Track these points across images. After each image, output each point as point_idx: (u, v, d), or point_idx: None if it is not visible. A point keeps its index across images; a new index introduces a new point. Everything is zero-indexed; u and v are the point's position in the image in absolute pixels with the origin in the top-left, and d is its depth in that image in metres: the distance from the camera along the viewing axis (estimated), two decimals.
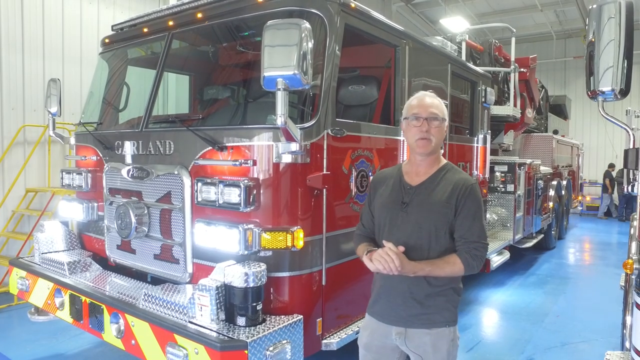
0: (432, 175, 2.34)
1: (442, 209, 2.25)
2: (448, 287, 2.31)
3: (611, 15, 2.34)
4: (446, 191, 2.27)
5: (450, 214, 2.25)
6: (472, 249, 2.23)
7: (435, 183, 2.31)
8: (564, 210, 11.39)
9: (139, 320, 3.11)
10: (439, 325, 2.29)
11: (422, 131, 2.27)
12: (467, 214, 2.25)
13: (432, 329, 2.28)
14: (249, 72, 4.37)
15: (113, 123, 4.59)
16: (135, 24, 4.39)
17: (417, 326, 2.29)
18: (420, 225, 2.26)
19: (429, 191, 2.30)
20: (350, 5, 3.50)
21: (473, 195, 2.27)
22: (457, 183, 2.29)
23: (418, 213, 2.28)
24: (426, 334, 2.29)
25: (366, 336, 2.49)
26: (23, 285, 4.19)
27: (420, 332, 2.29)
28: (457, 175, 2.34)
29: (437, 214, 2.25)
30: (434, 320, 2.29)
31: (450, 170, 2.36)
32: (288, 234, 3.04)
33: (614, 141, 16.23)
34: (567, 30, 16.96)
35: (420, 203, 2.29)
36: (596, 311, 6.14)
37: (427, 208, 2.27)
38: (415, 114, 2.30)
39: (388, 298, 2.35)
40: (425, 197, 2.29)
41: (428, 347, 2.29)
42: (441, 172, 2.35)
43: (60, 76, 6.79)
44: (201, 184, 3.28)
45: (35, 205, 6.88)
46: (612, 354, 2.88)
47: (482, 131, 6.06)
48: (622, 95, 2.38)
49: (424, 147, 2.29)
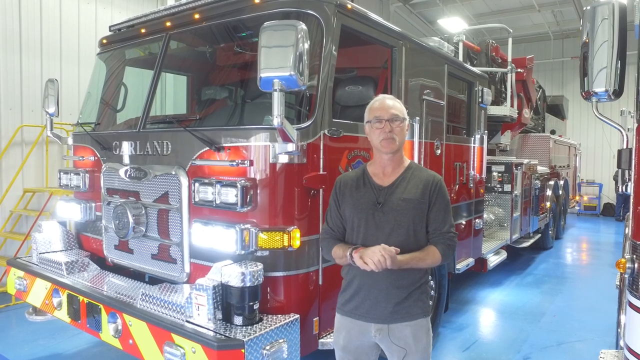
0: (402, 174, 2.47)
1: (417, 205, 2.41)
2: (423, 280, 2.47)
3: (605, 16, 2.36)
4: (419, 188, 2.43)
5: (424, 209, 2.42)
6: (447, 239, 2.42)
7: (406, 181, 2.45)
8: (562, 210, 11.41)
9: (137, 319, 3.13)
10: (418, 317, 2.43)
11: (385, 132, 2.39)
12: (439, 207, 2.44)
13: (411, 321, 2.41)
14: (246, 72, 4.39)
15: (111, 123, 4.60)
16: (133, 24, 4.40)
17: (398, 320, 2.40)
18: (399, 223, 2.38)
19: (401, 189, 2.43)
20: (347, 6, 3.51)
21: (442, 190, 2.47)
22: (427, 180, 2.46)
23: (396, 211, 2.40)
24: (406, 327, 2.41)
25: (342, 338, 2.52)
26: (21, 285, 4.19)
27: (401, 326, 2.40)
28: (425, 173, 2.52)
29: (414, 210, 2.40)
30: (413, 312, 2.42)
31: (416, 169, 2.53)
32: (285, 234, 3.06)
33: (612, 141, 16.27)
34: (564, 30, 16.99)
35: (396, 201, 2.41)
36: (592, 310, 6.17)
37: (403, 205, 2.40)
38: (377, 117, 2.42)
39: (368, 296, 2.42)
40: (399, 195, 2.42)
41: (409, 339, 2.41)
42: (408, 170, 2.49)
43: (58, 76, 6.80)
44: (198, 184, 3.29)
45: (33, 205, 6.89)
46: (606, 352, 2.89)
47: (479, 131, 6.08)
48: (616, 96, 2.39)
49: (389, 147, 2.41)
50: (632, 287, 2.27)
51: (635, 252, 2.26)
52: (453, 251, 2.47)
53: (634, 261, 2.25)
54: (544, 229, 9.64)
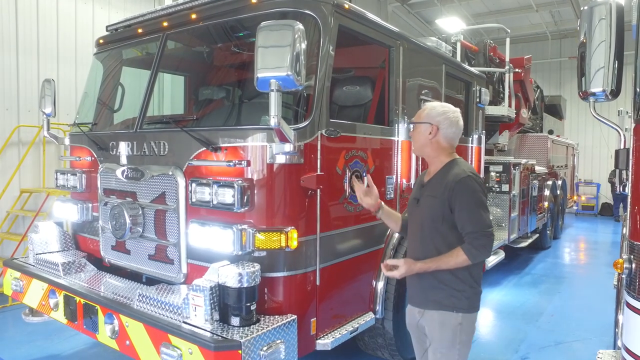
0: (437, 173, 2.63)
1: (438, 202, 2.51)
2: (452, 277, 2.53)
3: (602, 16, 2.36)
4: (440, 186, 2.53)
5: (441, 206, 2.50)
6: (473, 239, 2.44)
7: (436, 179, 2.61)
8: (560, 210, 11.43)
9: (133, 320, 3.12)
10: (446, 309, 2.54)
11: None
12: (460, 207, 2.46)
13: (439, 310, 2.55)
14: (243, 72, 4.38)
15: (108, 124, 4.58)
16: (130, 24, 4.38)
17: (430, 307, 2.59)
18: (423, 218, 2.60)
19: (431, 186, 2.61)
20: (344, 6, 3.51)
21: (462, 188, 2.46)
22: (448, 179, 2.52)
23: (424, 207, 2.61)
24: (435, 314, 2.57)
25: (407, 318, 2.85)
26: (17, 286, 4.18)
27: (431, 313, 2.59)
28: (452, 171, 2.55)
29: (435, 207, 2.53)
30: (444, 303, 2.55)
31: (450, 167, 2.59)
32: (282, 234, 3.04)
33: (609, 141, 16.29)
34: (562, 30, 17.02)
35: (426, 198, 2.61)
36: (590, 310, 6.18)
37: (429, 202, 2.58)
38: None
39: (411, 283, 2.71)
40: (429, 192, 2.61)
41: (436, 324, 2.56)
42: (443, 169, 2.62)
43: (54, 76, 6.78)
44: (195, 185, 3.28)
45: (29, 205, 6.86)
46: (604, 352, 2.89)
47: (477, 131, 6.08)
48: (613, 96, 2.39)
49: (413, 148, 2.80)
50: (630, 288, 2.27)
51: (632, 253, 2.25)
52: (482, 251, 2.45)
53: (632, 261, 2.25)
54: (542, 229, 9.65)
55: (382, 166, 4.04)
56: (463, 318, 2.54)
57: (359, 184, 3.01)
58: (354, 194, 3.65)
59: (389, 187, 4.12)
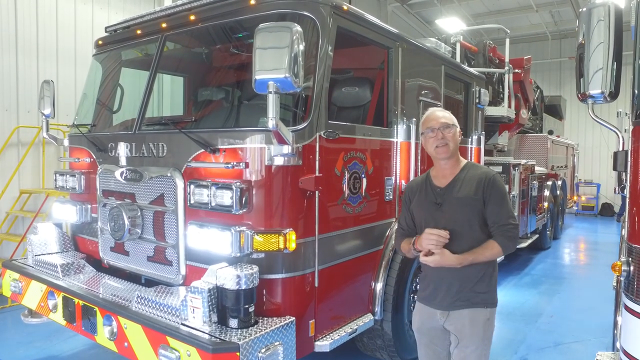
0: (457, 176, 2.70)
1: (471, 202, 2.60)
2: (485, 273, 2.63)
3: (600, 18, 2.36)
4: (473, 186, 2.62)
5: (479, 205, 2.60)
6: (505, 230, 2.58)
7: (461, 181, 2.67)
8: (559, 211, 11.41)
9: (132, 322, 3.11)
10: (477, 306, 2.61)
11: (437, 139, 2.65)
12: (495, 201, 2.60)
13: (470, 308, 2.61)
14: (242, 74, 4.37)
15: (107, 125, 4.58)
16: (129, 25, 4.38)
17: (457, 307, 2.62)
18: (454, 220, 2.61)
19: (457, 189, 2.66)
20: (343, 7, 3.50)
21: (496, 184, 2.63)
22: (480, 177, 2.64)
23: (452, 209, 2.63)
24: (465, 312, 2.61)
25: (417, 321, 2.86)
26: (16, 287, 4.18)
27: (460, 312, 2.62)
28: (479, 171, 2.71)
29: (468, 207, 2.60)
30: (474, 301, 2.61)
31: (472, 168, 2.73)
32: (280, 236, 3.04)
33: (609, 141, 16.28)
34: (562, 30, 17.01)
35: (452, 200, 2.64)
36: (590, 311, 6.17)
37: (458, 204, 2.62)
38: (429, 127, 2.68)
39: (435, 286, 2.69)
40: (455, 194, 2.65)
41: (466, 320, 2.61)
42: (463, 171, 2.71)
43: (54, 77, 6.78)
44: (194, 186, 3.28)
45: (29, 206, 6.86)
46: (602, 354, 2.89)
47: (477, 132, 6.07)
48: (612, 97, 2.39)
49: (443, 153, 2.66)
50: (628, 290, 2.27)
51: (630, 255, 2.25)
52: (514, 242, 2.64)
53: (630, 264, 2.24)
54: (542, 229, 9.64)
55: (381, 167, 4.03)
56: (490, 313, 2.66)
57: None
58: (352, 195, 3.66)
59: (388, 188, 4.12)
